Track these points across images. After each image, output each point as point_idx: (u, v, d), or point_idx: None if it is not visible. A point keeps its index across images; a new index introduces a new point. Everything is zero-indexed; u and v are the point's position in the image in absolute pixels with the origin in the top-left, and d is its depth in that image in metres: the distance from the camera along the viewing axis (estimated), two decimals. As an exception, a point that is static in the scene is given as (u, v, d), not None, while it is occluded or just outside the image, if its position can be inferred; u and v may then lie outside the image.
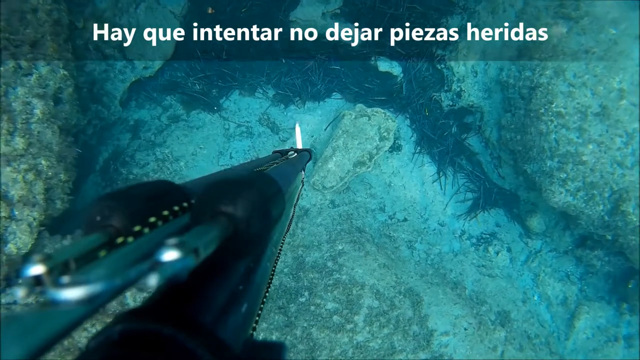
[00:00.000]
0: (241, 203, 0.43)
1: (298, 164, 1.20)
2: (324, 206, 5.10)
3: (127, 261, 0.35)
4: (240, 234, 0.43)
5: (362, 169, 5.13)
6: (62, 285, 0.27)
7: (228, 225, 0.42)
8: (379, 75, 5.89)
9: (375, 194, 5.43)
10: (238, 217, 0.43)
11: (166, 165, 5.26)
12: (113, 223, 0.42)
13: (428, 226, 5.62)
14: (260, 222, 0.44)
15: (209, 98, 5.85)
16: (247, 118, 5.79)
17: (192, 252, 0.32)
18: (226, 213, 0.43)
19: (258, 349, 0.41)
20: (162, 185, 0.52)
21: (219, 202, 0.43)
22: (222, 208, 0.43)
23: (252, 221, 0.43)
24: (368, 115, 5.32)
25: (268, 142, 5.61)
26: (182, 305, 0.38)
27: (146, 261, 0.31)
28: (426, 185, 5.77)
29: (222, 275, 0.46)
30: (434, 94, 5.94)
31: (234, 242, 0.43)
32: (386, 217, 5.40)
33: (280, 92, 5.83)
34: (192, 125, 5.73)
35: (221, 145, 5.62)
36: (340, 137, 5.18)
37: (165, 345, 0.33)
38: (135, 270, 0.30)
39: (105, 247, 0.40)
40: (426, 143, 5.88)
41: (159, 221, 0.46)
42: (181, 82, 5.94)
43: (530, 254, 6.02)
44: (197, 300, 0.39)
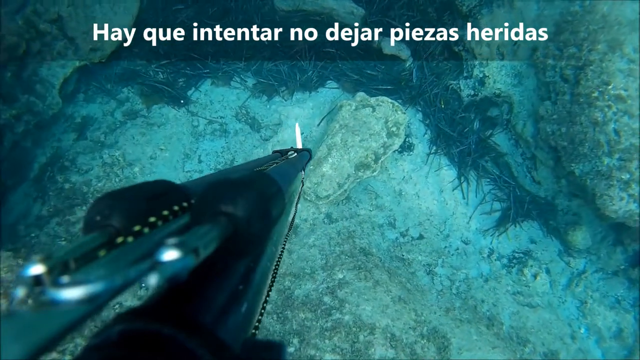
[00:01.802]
0: (241, 203, 0.43)
1: (298, 164, 1.18)
2: (317, 221, 3.94)
3: (127, 261, 0.34)
4: (241, 234, 0.43)
5: (365, 173, 3.99)
6: (62, 285, 0.27)
7: (228, 225, 0.42)
8: (384, 59, 4.81)
9: (382, 205, 4.28)
10: (238, 217, 0.43)
11: (115, 171, 4.09)
12: (113, 223, 0.41)
13: (449, 244, 4.46)
14: (260, 222, 0.44)
15: (174, 89, 4.73)
16: (221, 113, 4.66)
17: (192, 252, 0.32)
18: (226, 213, 0.43)
19: (258, 348, 0.41)
20: (162, 185, 0.51)
21: (219, 201, 0.43)
22: (222, 208, 0.43)
23: (252, 221, 0.43)
24: (372, 105, 4.22)
25: (247, 142, 4.48)
26: (182, 305, 0.38)
27: (146, 261, 0.31)
28: (445, 194, 4.64)
29: (222, 275, 0.45)
30: (450, 82, 4.87)
31: (234, 241, 0.43)
32: (397, 235, 4.25)
33: (262, 81, 4.73)
34: (153, 122, 4.59)
35: (187, 146, 4.47)
36: (338, 132, 4.06)
37: (165, 345, 0.33)
38: (135, 270, 0.30)
39: (105, 246, 0.39)
40: (443, 141, 4.77)
41: (159, 221, 0.46)
42: (141, 71, 4.83)
43: (572, 275, 4.88)
44: (197, 300, 0.39)
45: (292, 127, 4.36)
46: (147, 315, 0.34)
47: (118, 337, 0.32)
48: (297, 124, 2.38)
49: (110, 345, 0.32)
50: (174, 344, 0.33)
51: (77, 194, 3.83)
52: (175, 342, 0.33)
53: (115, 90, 4.81)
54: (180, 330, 0.33)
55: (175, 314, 0.35)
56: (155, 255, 0.30)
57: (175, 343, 0.33)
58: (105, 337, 0.33)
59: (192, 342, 0.33)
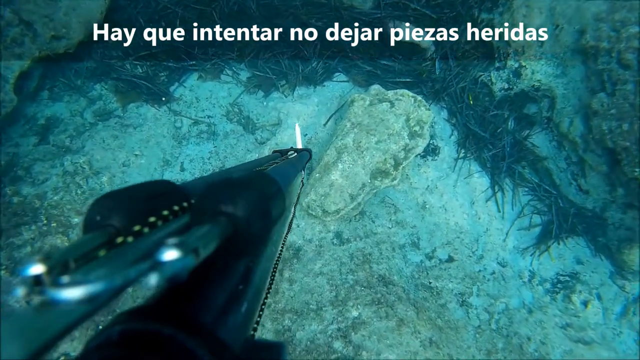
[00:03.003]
0: (241, 203, 0.43)
1: (298, 164, 1.16)
2: (325, 242, 3.19)
3: (126, 261, 0.33)
4: (241, 234, 0.43)
5: (384, 182, 3.24)
6: (62, 285, 0.27)
7: (228, 224, 0.42)
8: (401, 47, 4.09)
9: (403, 221, 3.52)
10: (238, 217, 0.42)
11: (76, 181, 3.36)
12: (113, 223, 0.41)
13: (484, 268, 3.69)
14: (260, 222, 0.44)
15: (154, 85, 4.02)
16: (209, 111, 3.94)
17: (192, 252, 0.31)
18: (226, 213, 0.42)
19: (258, 348, 0.41)
20: (162, 185, 0.51)
21: (219, 201, 0.43)
22: (222, 208, 0.43)
23: (252, 221, 0.43)
24: (390, 100, 3.48)
25: (239, 146, 3.74)
26: (182, 305, 0.38)
27: (146, 261, 0.31)
28: (477, 206, 3.88)
29: (222, 275, 0.45)
30: (480, 74, 4.13)
31: (234, 241, 0.42)
32: (422, 257, 3.48)
33: (257, 74, 4.00)
34: (128, 124, 3.87)
35: (168, 151, 3.74)
36: (349, 132, 3.31)
37: (165, 345, 0.32)
38: (135, 269, 0.30)
39: (105, 246, 0.38)
40: (473, 144, 4.02)
41: (159, 221, 0.45)
42: (116, 64, 4.11)
43: (628, 302, 4.08)
44: (197, 300, 0.39)
45: (292, 128, 3.63)
46: (147, 315, 0.34)
47: (118, 337, 0.32)
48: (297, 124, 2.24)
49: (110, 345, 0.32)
50: (174, 343, 0.32)
51: (27, 210, 3.10)
52: (175, 342, 0.32)
53: (86, 87, 4.10)
54: (180, 330, 0.33)
55: (175, 313, 0.35)
56: (155, 255, 0.30)
57: (175, 343, 0.32)
58: (105, 336, 0.32)
59: (192, 342, 0.32)
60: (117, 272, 0.29)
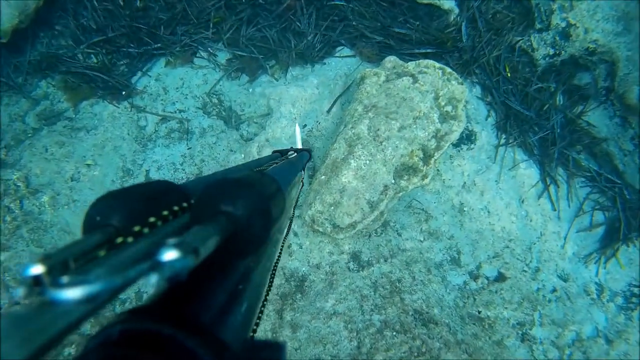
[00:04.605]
0: (241, 202, 0.42)
1: (298, 164, 1.16)
2: (339, 268, 2.36)
3: (126, 261, 0.33)
4: (240, 233, 0.42)
5: (412, 182, 2.42)
6: (62, 285, 0.27)
7: (228, 224, 0.41)
8: (418, 10, 3.26)
9: (438, 231, 2.70)
10: (238, 216, 0.42)
11: (6, 205, 2.55)
12: (113, 223, 0.41)
13: (542, 284, 2.86)
14: (260, 222, 0.43)
15: (112, 76, 3.21)
16: (181, 104, 3.12)
17: (192, 252, 0.31)
18: (226, 212, 0.42)
19: (258, 348, 0.40)
20: (162, 185, 0.50)
21: (219, 201, 0.42)
22: (222, 207, 0.42)
23: (252, 220, 0.43)
24: (411, 73, 2.66)
25: (220, 145, 2.92)
26: (182, 305, 0.37)
27: (146, 261, 0.31)
28: (527, 204, 3.05)
29: (222, 274, 0.45)
30: (517, 39, 3.30)
31: (234, 241, 0.42)
32: (466, 277, 2.65)
33: (240, 54, 3.18)
34: (80, 126, 3.06)
35: (129, 158, 2.92)
36: (362, 118, 2.49)
37: (165, 345, 0.32)
38: (135, 270, 0.30)
39: (105, 246, 0.38)
40: (515, 126, 3.19)
41: (159, 221, 0.45)
42: (65, 55, 3.31)
43: None
44: (197, 299, 0.38)
45: (286, 118, 2.81)
46: (147, 315, 0.34)
47: (118, 337, 0.32)
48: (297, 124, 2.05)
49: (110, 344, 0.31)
50: (174, 343, 0.32)
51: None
52: (175, 341, 0.32)
53: (29, 84, 3.29)
54: (180, 330, 0.32)
55: (175, 313, 0.35)
56: (155, 255, 0.29)
57: (175, 343, 0.32)
58: (105, 336, 0.32)
59: (192, 342, 0.32)
60: (116, 272, 0.28)
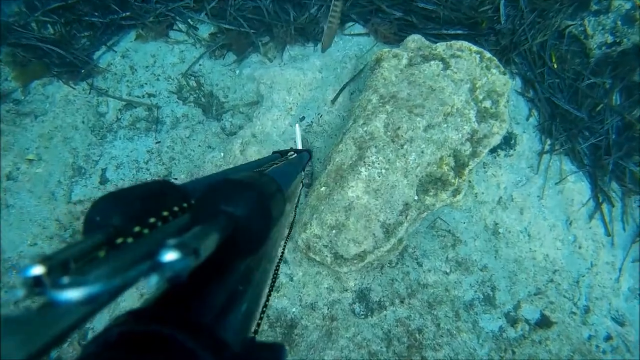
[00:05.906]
0: (241, 202, 0.42)
1: (298, 164, 1.10)
2: (340, 310, 1.78)
3: (126, 262, 0.31)
4: (241, 234, 0.41)
5: (440, 198, 1.83)
6: (62, 285, 0.26)
7: (228, 224, 0.40)
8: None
9: (468, 260, 2.11)
10: (238, 216, 0.41)
11: None
12: (112, 223, 0.39)
13: (595, 330, 2.28)
14: (260, 222, 0.42)
15: (71, 51, 2.62)
16: (151, 87, 2.52)
17: (192, 253, 0.30)
18: (226, 212, 0.41)
19: (258, 348, 0.39)
20: (161, 186, 0.48)
21: (219, 201, 0.42)
22: (222, 207, 0.41)
23: (252, 221, 0.42)
24: (441, 57, 2.07)
25: (195, 139, 2.33)
26: (182, 306, 0.36)
27: (146, 262, 0.30)
28: (576, 227, 2.45)
29: (222, 275, 0.43)
30: (567, 23, 2.70)
31: (234, 241, 0.41)
32: (502, 321, 2.07)
33: (226, 28, 2.57)
34: (27, 111, 2.47)
35: (82, 152, 2.34)
36: (378, 112, 1.90)
37: (165, 345, 0.32)
38: (135, 270, 0.29)
39: (105, 247, 0.37)
40: (561, 129, 2.60)
41: (159, 222, 0.43)
42: (16, 23, 2.73)
43: None
44: (197, 300, 0.38)
45: (279, 108, 2.21)
46: (147, 316, 0.33)
47: (117, 338, 0.32)
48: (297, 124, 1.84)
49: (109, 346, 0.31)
50: (174, 344, 0.32)
51: None
52: (175, 342, 0.32)
53: (-29, 57, 2.70)
54: (180, 331, 0.32)
55: (175, 314, 0.34)
56: (155, 256, 0.29)
57: (176, 343, 0.32)
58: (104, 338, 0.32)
59: (192, 342, 0.32)
60: (117, 273, 0.28)
